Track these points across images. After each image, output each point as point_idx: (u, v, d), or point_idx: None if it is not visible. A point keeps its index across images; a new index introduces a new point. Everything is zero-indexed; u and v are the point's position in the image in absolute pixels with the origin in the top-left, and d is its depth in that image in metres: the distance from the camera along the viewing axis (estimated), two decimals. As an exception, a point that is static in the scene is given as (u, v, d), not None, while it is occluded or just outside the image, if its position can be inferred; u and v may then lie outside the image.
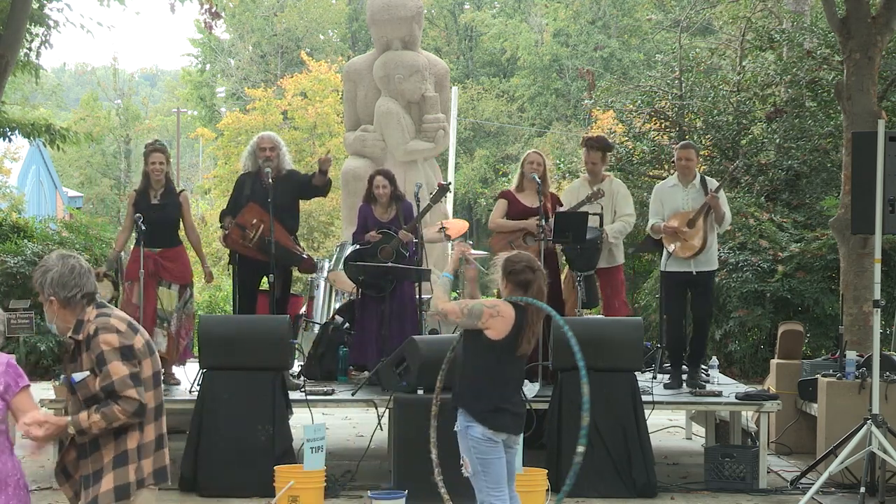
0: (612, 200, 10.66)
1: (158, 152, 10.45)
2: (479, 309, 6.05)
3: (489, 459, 6.10)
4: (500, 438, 6.12)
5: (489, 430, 6.08)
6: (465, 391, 6.20)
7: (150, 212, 10.18)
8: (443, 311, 6.15)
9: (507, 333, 6.05)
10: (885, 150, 8.88)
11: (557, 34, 44.14)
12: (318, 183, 10.55)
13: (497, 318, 6.04)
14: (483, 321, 6.03)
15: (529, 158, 10.44)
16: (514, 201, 10.34)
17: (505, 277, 6.16)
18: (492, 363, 6.11)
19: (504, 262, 6.19)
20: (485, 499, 6.12)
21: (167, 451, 5.12)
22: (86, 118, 51.35)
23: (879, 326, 9.29)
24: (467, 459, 6.15)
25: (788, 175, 17.78)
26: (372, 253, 10.37)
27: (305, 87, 35.73)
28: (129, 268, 10.27)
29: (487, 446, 6.09)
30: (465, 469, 6.17)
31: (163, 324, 10.16)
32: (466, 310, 6.06)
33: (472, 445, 6.11)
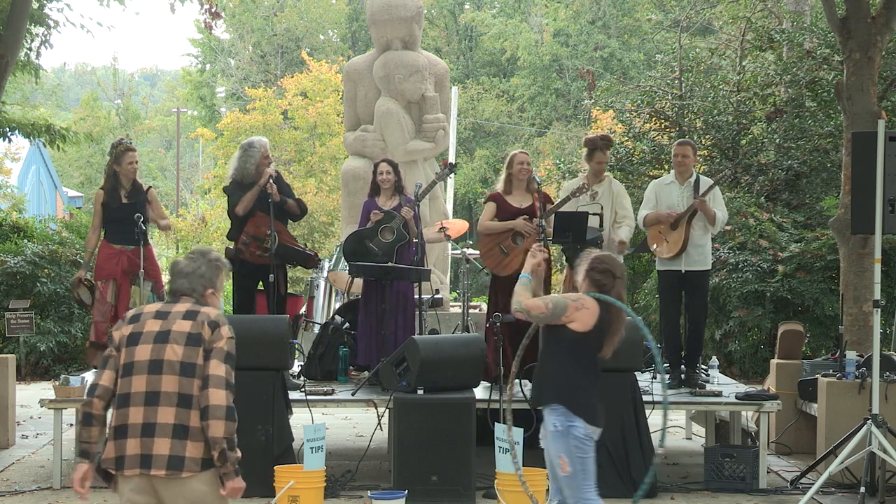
0: (612, 201, 10.64)
1: (133, 151, 10.40)
2: (564, 303, 6.11)
3: (587, 458, 6.11)
4: (596, 436, 6.14)
5: (590, 426, 6.09)
6: (561, 387, 6.15)
7: (121, 211, 10.14)
8: (527, 307, 6.13)
9: (592, 326, 6.10)
10: (885, 150, 8.89)
11: (557, 34, 44.13)
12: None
13: (582, 311, 6.09)
14: (568, 314, 6.08)
15: (518, 159, 10.29)
16: (503, 203, 10.25)
17: (587, 274, 6.22)
18: (581, 356, 6.15)
19: (591, 259, 6.27)
20: (579, 497, 6.11)
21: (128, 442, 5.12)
22: (86, 118, 51.39)
23: (879, 326, 9.29)
24: (566, 459, 6.08)
25: (788, 175, 17.77)
26: (371, 234, 10.35)
27: (306, 87, 35.71)
28: (102, 266, 10.22)
29: (587, 445, 6.10)
30: (563, 469, 6.10)
31: None
32: (551, 305, 6.10)
33: (575, 445, 6.07)
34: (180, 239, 32.80)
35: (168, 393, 5.07)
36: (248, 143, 10.63)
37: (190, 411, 5.07)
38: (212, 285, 5.36)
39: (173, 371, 5.09)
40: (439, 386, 9.04)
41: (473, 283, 20.61)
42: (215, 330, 5.18)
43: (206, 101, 51.88)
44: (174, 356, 5.11)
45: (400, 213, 10.29)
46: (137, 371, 5.11)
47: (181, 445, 5.04)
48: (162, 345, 5.13)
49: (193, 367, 5.10)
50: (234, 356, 5.21)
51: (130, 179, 10.32)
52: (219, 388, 5.08)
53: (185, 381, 5.09)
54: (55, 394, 9.52)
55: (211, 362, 5.11)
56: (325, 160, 34.07)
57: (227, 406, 5.07)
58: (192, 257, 5.41)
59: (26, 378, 15.97)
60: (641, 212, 10.56)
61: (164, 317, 5.22)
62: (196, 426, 5.06)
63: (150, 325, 5.20)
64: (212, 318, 5.21)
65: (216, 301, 5.38)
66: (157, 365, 5.10)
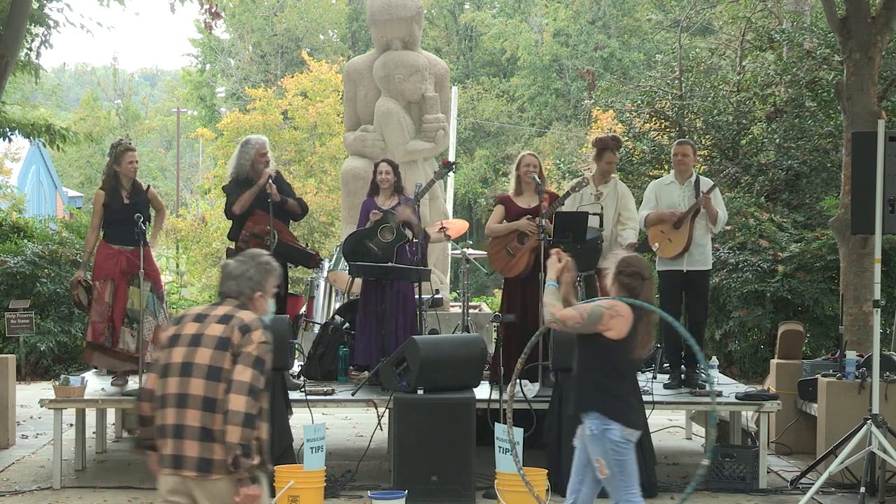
0: (616, 202, 10.64)
1: (133, 151, 10.39)
2: (599, 311, 6.09)
3: (625, 460, 6.13)
4: (635, 438, 6.16)
5: (627, 430, 6.11)
6: (595, 393, 6.16)
7: (123, 211, 10.14)
8: (561, 318, 6.12)
9: (627, 332, 6.10)
10: (885, 150, 8.89)
11: (557, 34, 44.13)
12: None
13: (617, 318, 6.09)
14: (604, 323, 6.08)
15: (525, 161, 10.32)
16: (512, 205, 10.27)
17: (615, 277, 6.24)
18: (618, 362, 6.15)
19: (619, 261, 6.28)
20: (621, 497, 6.15)
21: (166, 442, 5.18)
22: (86, 118, 51.39)
23: (879, 326, 9.29)
24: (602, 462, 6.12)
25: (788, 175, 17.77)
26: (371, 234, 10.36)
27: (306, 86, 35.70)
28: (100, 266, 10.21)
29: (625, 447, 6.12)
30: (601, 472, 6.14)
31: (132, 324, 10.09)
32: (587, 314, 6.09)
33: (611, 448, 6.10)
34: (180, 239, 32.80)
35: (195, 396, 5.12)
36: (245, 141, 10.71)
37: (214, 415, 5.09)
38: (260, 288, 5.38)
39: (201, 374, 5.13)
40: (439, 386, 9.04)
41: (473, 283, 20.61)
42: (246, 334, 5.18)
43: (206, 101, 51.88)
44: (203, 360, 5.15)
45: (395, 214, 10.29)
46: (172, 373, 5.19)
47: (208, 448, 5.09)
48: (194, 348, 5.18)
49: (220, 371, 5.13)
50: (264, 361, 5.19)
51: (131, 179, 10.31)
52: (239, 393, 5.08)
53: (211, 385, 5.11)
54: (55, 394, 9.52)
55: (237, 367, 5.12)
56: (325, 160, 34.06)
57: (245, 413, 5.06)
58: (243, 260, 5.43)
59: (26, 378, 15.97)
60: (642, 212, 10.56)
61: (203, 320, 5.26)
62: (220, 429, 5.09)
63: (188, 328, 5.25)
64: (245, 322, 5.21)
65: (264, 304, 5.40)
66: (187, 367, 5.16)
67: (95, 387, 10.17)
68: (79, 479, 9.73)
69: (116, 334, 10.07)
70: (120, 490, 9.27)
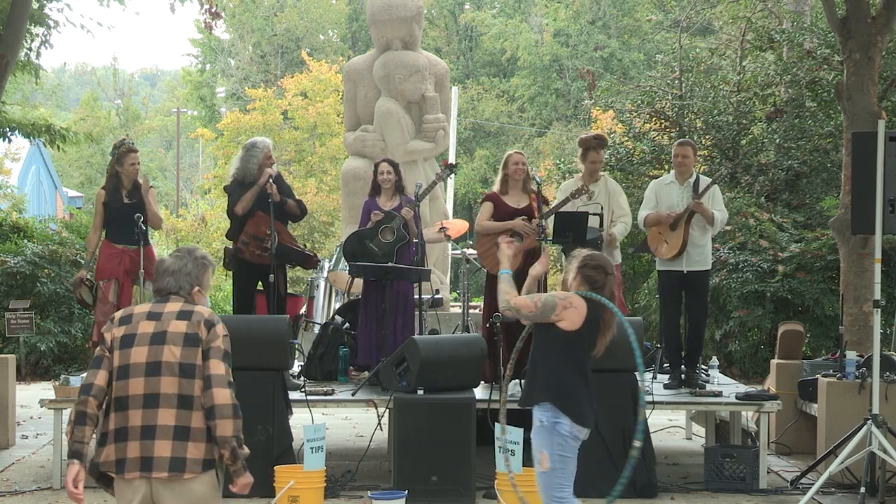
0: (608, 199, 10.64)
1: (135, 152, 10.42)
2: (553, 301, 6.07)
3: (569, 457, 6.10)
4: (583, 436, 6.13)
5: (576, 425, 6.07)
6: (550, 386, 6.12)
7: (123, 211, 10.14)
8: (515, 305, 6.12)
9: (580, 325, 6.08)
10: (885, 150, 8.89)
11: (557, 34, 44.13)
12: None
13: (570, 310, 6.07)
14: (557, 313, 6.05)
15: (513, 159, 10.25)
16: (500, 203, 10.22)
17: (578, 271, 6.19)
18: (570, 355, 6.13)
19: (582, 257, 6.24)
20: (555, 494, 6.11)
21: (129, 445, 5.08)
22: (86, 118, 51.39)
23: (879, 326, 9.28)
24: (546, 454, 6.08)
25: (788, 175, 17.77)
26: (372, 234, 10.36)
27: (306, 87, 35.72)
28: (104, 266, 10.21)
29: (571, 443, 6.09)
30: (542, 464, 6.11)
31: None
32: (540, 303, 6.07)
33: (558, 441, 6.06)
34: (180, 239, 32.79)
35: (168, 395, 5.04)
36: (252, 143, 10.65)
37: (191, 412, 5.05)
38: (198, 283, 5.34)
39: (172, 372, 5.06)
40: (439, 386, 9.04)
41: (473, 283, 20.60)
42: (211, 329, 5.17)
43: (206, 102, 51.87)
44: (173, 357, 5.07)
45: (400, 214, 10.29)
46: (134, 374, 5.08)
47: (182, 447, 5.02)
48: (159, 346, 5.09)
49: (193, 367, 5.08)
50: (230, 354, 5.22)
51: (132, 180, 10.33)
52: (222, 387, 5.09)
53: (185, 383, 5.06)
54: (55, 394, 9.52)
55: (210, 362, 5.10)
56: (325, 160, 34.08)
57: (232, 404, 5.09)
58: (179, 255, 5.38)
59: (26, 378, 15.97)
60: (642, 212, 10.56)
61: (158, 317, 5.18)
62: (197, 427, 5.05)
63: (143, 327, 5.16)
64: (206, 317, 5.19)
65: (202, 299, 5.36)
66: (155, 367, 5.07)
67: (95, 387, 10.14)
68: (79, 480, 9.71)
69: None
70: (120, 490, 9.25)
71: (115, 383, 5.13)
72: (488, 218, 10.22)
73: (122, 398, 5.09)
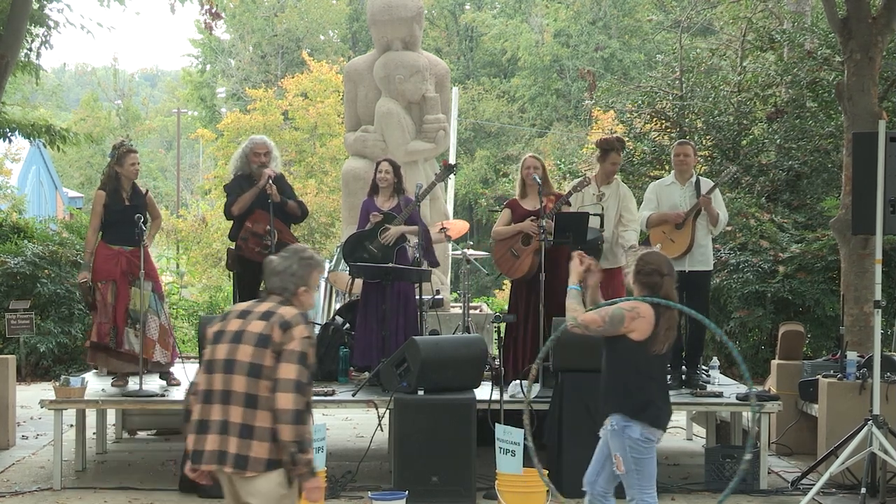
0: (618, 203, 10.64)
1: (135, 153, 10.40)
2: (620, 314, 6.14)
3: (644, 458, 6.24)
4: (656, 437, 6.26)
5: (647, 428, 6.20)
6: (620, 394, 6.25)
7: (123, 213, 10.13)
8: (583, 322, 6.20)
9: (650, 333, 6.16)
10: (886, 150, 8.89)
11: (558, 35, 44.13)
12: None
13: (639, 320, 6.15)
14: (626, 325, 6.14)
15: (527, 163, 10.35)
16: (518, 208, 10.30)
17: (635, 277, 6.27)
18: (641, 363, 6.20)
19: (636, 261, 6.32)
20: (636, 495, 6.26)
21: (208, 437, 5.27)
22: (86, 119, 51.41)
23: (880, 327, 9.28)
24: (620, 458, 6.23)
25: (789, 175, 17.75)
26: (371, 236, 10.36)
27: (306, 87, 35.73)
28: (101, 267, 10.20)
29: (644, 445, 6.22)
30: (618, 468, 6.25)
31: (134, 324, 10.08)
32: (608, 317, 6.15)
33: (630, 445, 6.20)
34: (181, 240, 32.80)
35: (238, 392, 5.20)
36: (248, 139, 10.84)
37: (256, 412, 5.17)
38: (304, 283, 5.44)
39: (243, 371, 5.22)
40: (440, 386, 9.03)
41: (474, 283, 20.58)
42: (287, 331, 5.24)
43: (207, 102, 51.89)
44: (244, 357, 5.23)
45: (400, 216, 10.29)
46: (216, 369, 5.29)
47: (247, 445, 5.17)
48: (236, 345, 5.27)
49: (260, 367, 5.20)
50: (307, 356, 5.25)
51: (132, 181, 10.32)
52: (287, 391, 5.15)
53: (252, 382, 5.19)
54: (55, 394, 9.51)
55: (281, 365, 5.19)
56: (326, 161, 34.08)
57: (294, 410, 5.13)
58: (285, 255, 5.50)
59: (26, 379, 15.96)
60: (642, 213, 10.56)
61: (245, 316, 5.35)
62: (262, 426, 5.17)
63: (231, 325, 5.34)
64: (285, 318, 5.27)
65: (308, 299, 5.46)
66: (230, 364, 5.25)
67: (96, 387, 10.16)
68: (79, 480, 9.73)
69: (120, 335, 10.07)
70: (120, 491, 9.26)
71: (202, 376, 5.34)
72: (503, 224, 10.27)
73: (207, 392, 5.30)
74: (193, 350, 14.94)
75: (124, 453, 11.07)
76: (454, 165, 11.34)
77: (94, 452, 10.92)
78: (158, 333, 10.14)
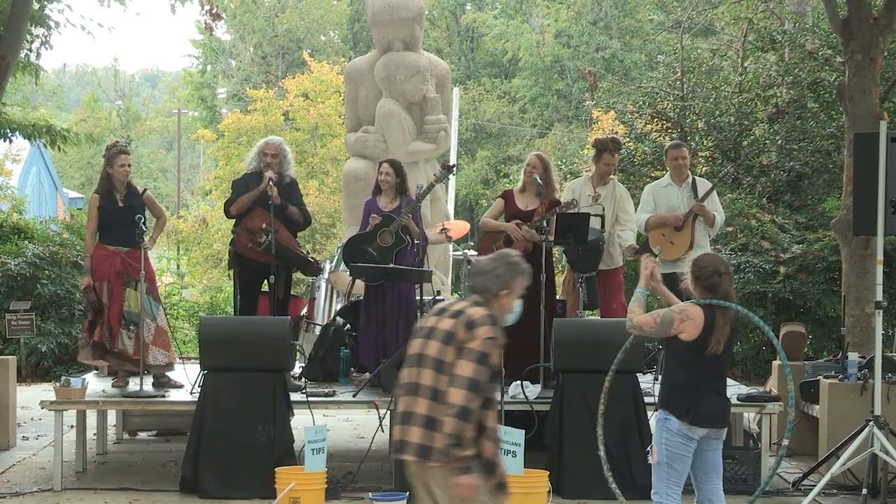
0: (614, 204, 10.65)
1: (125, 154, 10.37)
2: (670, 316, 6.39)
3: (678, 455, 6.42)
4: (696, 435, 6.41)
5: (685, 425, 6.38)
6: (666, 391, 6.56)
7: (117, 214, 10.13)
8: (637, 324, 6.48)
9: (699, 334, 6.35)
10: (887, 151, 8.88)
11: (559, 35, 44.11)
12: None
13: (687, 322, 6.37)
14: (675, 327, 6.38)
15: (530, 161, 10.48)
16: (511, 202, 10.37)
17: (694, 281, 6.49)
18: (689, 363, 6.42)
19: (692, 266, 6.54)
20: (661, 489, 6.48)
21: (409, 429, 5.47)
22: (86, 119, 51.42)
23: (881, 328, 9.28)
24: (655, 448, 6.46)
25: (790, 176, 17.76)
26: (371, 238, 10.35)
27: (307, 87, 35.69)
28: (97, 268, 10.19)
29: (680, 441, 6.41)
30: (651, 457, 6.48)
31: (128, 325, 10.07)
32: (659, 319, 6.40)
33: (666, 437, 6.42)
34: (181, 240, 32.78)
35: (425, 386, 5.41)
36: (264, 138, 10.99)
37: (439, 405, 5.36)
38: (507, 287, 5.57)
39: (430, 366, 5.42)
40: (440, 387, 9.00)
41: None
42: (471, 330, 5.38)
43: (207, 102, 51.87)
44: (432, 352, 5.43)
45: (399, 217, 10.28)
46: (411, 363, 5.53)
47: (430, 436, 5.35)
48: (427, 340, 5.48)
49: (443, 363, 5.38)
50: (487, 356, 5.36)
51: (124, 182, 10.29)
52: (459, 387, 5.30)
53: (438, 377, 5.39)
54: (56, 395, 9.50)
55: (459, 362, 5.35)
56: (327, 161, 34.05)
57: (461, 406, 5.27)
58: (494, 258, 5.66)
59: (27, 379, 15.95)
60: (640, 215, 10.58)
61: (440, 314, 5.55)
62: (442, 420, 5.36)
63: (429, 321, 5.56)
64: (472, 318, 5.41)
65: (509, 303, 5.59)
66: (421, 359, 5.47)
67: (96, 388, 10.15)
68: (79, 481, 9.72)
69: (114, 335, 10.06)
70: (120, 492, 9.25)
71: (405, 370, 5.59)
72: (495, 215, 10.34)
73: (404, 384, 5.55)
74: (194, 351, 14.92)
75: (125, 454, 11.06)
76: (453, 166, 11.34)
77: (95, 453, 10.91)
78: (154, 335, 10.12)
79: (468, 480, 5.30)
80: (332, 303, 12.80)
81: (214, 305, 23.73)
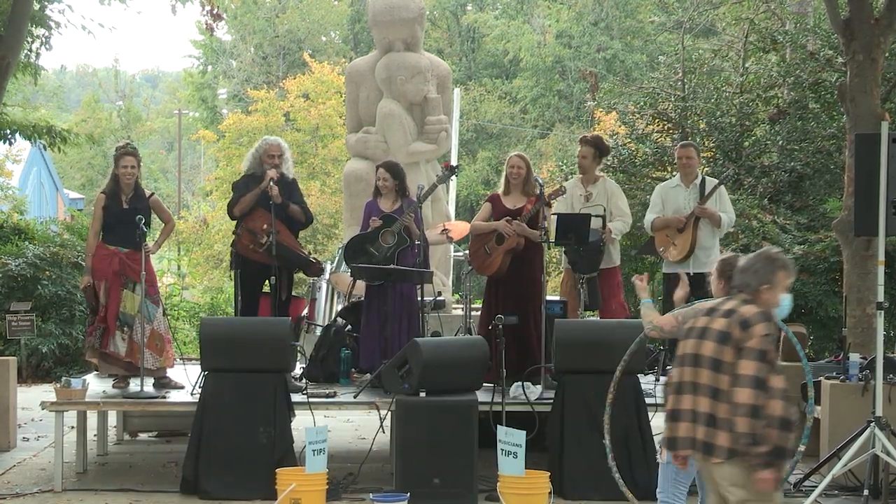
0: (607, 200, 10.70)
1: (130, 156, 10.38)
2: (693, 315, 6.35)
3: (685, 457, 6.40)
4: None
5: None
6: None
7: (121, 216, 10.13)
8: (658, 325, 6.68)
9: None
10: (888, 151, 8.88)
11: (560, 35, 44.10)
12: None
13: None
14: None
15: (510, 162, 10.54)
16: (498, 204, 10.44)
17: (719, 280, 6.52)
18: None
19: (719, 264, 6.60)
20: (667, 489, 6.63)
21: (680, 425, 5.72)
22: (87, 120, 51.42)
23: (883, 328, 9.28)
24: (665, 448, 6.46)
25: (791, 177, 17.73)
26: (373, 238, 10.35)
27: (308, 88, 35.71)
28: (97, 268, 10.19)
29: None
30: (661, 456, 6.60)
31: (122, 327, 10.06)
32: (681, 318, 6.43)
33: None
34: (182, 241, 32.78)
35: (703, 385, 5.60)
36: (262, 139, 10.88)
37: (719, 403, 5.54)
38: (767, 281, 5.72)
39: (707, 365, 5.60)
40: (441, 388, 9.02)
41: (475, 285, 20.52)
42: (746, 329, 5.54)
43: (208, 103, 51.88)
44: (707, 352, 5.62)
45: (400, 218, 10.28)
46: (684, 363, 5.72)
47: (712, 433, 5.56)
48: (701, 340, 5.67)
49: (721, 363, 5.56)
50: (766, 352, 5.51)
51: (130, 184, 10.29)
52: (744, 387, 5.45)
53: (716, 376, 5.56)
54: (56, 396, 9.50)
55: (741, 362, 5.51)
56: (328, 162, 34.07)
57: (750, 405, 5.43)
58: (754, 255, 5.82)
59: (27, 380, 15.95)
60: (649, 216, 10.60)
61: (711, 314, 5.73)
62: (724, 417, 5.53)
63: (699, 322, 5.76)
64: (745, 317, 5.56)
65: (771, 297, 5.74)
66: (696, 358, 5.66)
67: (97, 389, 10.15)
68: (80, 482, 9.71)
69: (107, 336, 10.05)
70: (121, 493, 9.25)
71: (675, 369, 5.81)
72: (484, 219, 10.40)
73: (677, 384, 5.74)
74: (195, 352, 14.92)
75: (125, 455, 11.06)
76: (455, 167, 11.35)
77: (95, 454, 10.90)
78: (149, 339, 10.09)
79: (770, 475, 5.45)
80: (333, 303, 12.79)
81: (215, 306, 23.75)
